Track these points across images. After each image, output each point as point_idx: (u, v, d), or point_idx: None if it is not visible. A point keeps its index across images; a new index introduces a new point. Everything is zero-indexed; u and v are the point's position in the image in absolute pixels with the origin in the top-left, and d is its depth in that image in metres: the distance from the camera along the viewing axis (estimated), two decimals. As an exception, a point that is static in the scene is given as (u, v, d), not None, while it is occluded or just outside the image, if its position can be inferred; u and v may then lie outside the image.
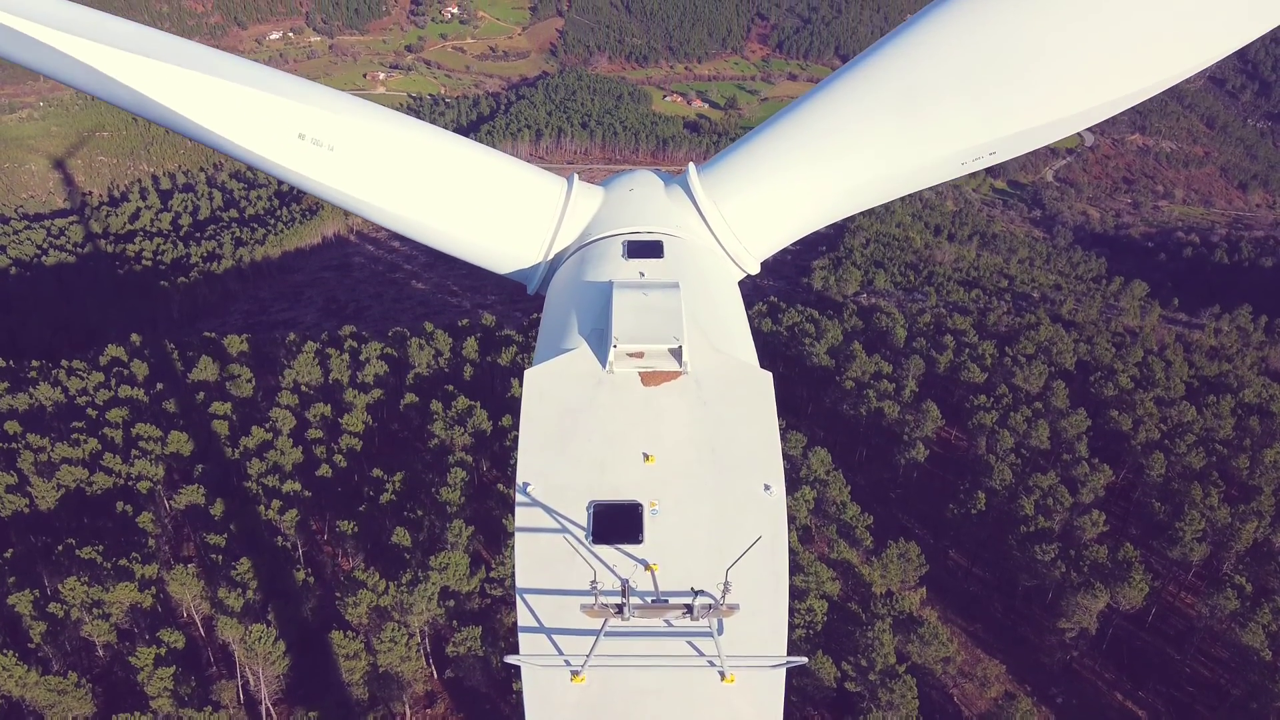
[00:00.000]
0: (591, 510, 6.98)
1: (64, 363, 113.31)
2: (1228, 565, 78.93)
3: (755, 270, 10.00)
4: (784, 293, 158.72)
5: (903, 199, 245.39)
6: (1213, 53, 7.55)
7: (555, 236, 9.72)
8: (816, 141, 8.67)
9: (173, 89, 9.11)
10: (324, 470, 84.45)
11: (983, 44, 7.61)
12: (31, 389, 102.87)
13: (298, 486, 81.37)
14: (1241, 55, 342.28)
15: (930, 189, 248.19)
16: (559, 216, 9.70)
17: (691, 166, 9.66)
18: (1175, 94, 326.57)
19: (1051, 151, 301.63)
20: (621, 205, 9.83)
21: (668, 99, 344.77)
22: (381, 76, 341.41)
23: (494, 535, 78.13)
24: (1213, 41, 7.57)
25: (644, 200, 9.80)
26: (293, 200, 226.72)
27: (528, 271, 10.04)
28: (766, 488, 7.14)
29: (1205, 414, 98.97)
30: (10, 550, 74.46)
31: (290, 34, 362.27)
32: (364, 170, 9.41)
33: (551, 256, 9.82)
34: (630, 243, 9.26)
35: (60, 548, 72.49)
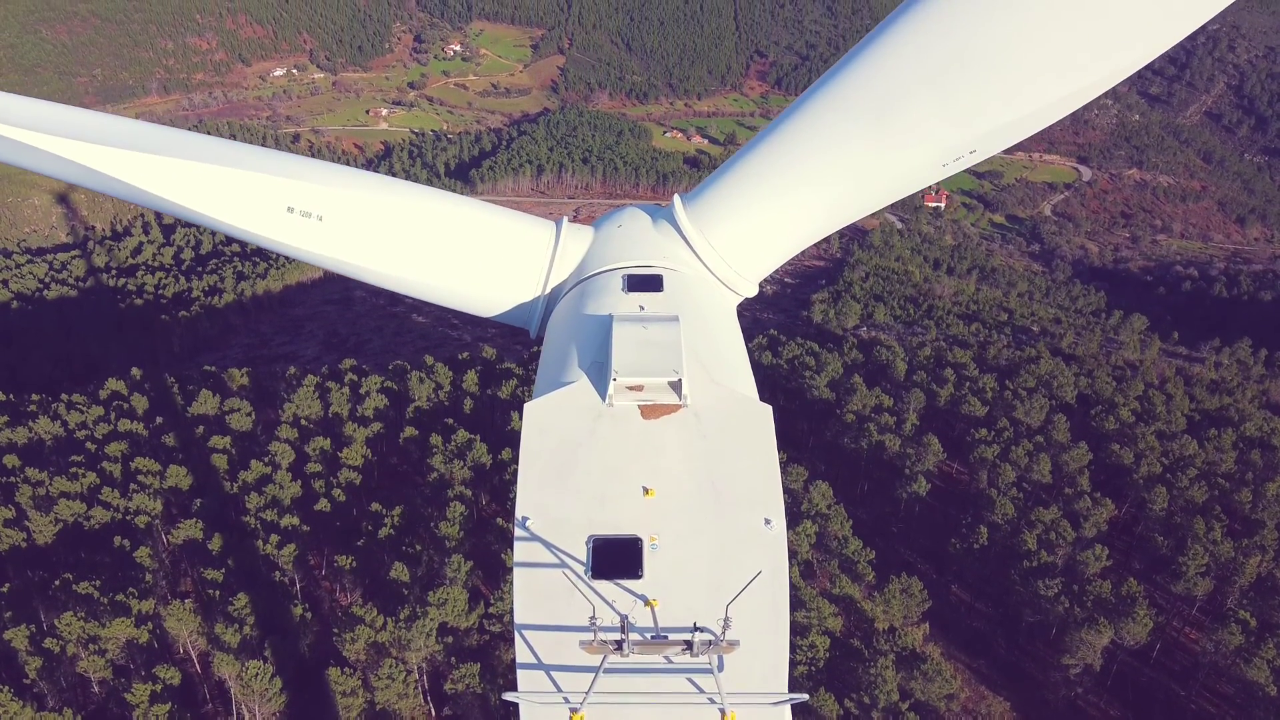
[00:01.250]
0: (591, 545, 6.93)
1: (64, 396, 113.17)
2: (1232, 600, 78.37)
3: (753, 292, 10.02)
4: (784, 326, 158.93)
5: (901, 234, 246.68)
6: (1185, 27, 7.45)
7: (547, 280, 9.87)
8: (795, 163, 8.69)
9: (162, 179, 9.47)
10: (323, 504, 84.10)
11: (947, 44, 7.55)
12: (31, 423, 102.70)
13: (296, 521, 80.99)
14: (1238, 91, 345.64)
15: (929, 224, 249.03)
16: (550, 260, 9.85)
17: (677, 199, 9.70)
18: (1172, 129, 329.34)
19: (1049, 186, 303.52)
20: (611, 243, 9.89)
21: (668, 135, 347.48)
22: (384, 112, 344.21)
23: (493, 570, 77.62)
24: (1185, 14, 7.41)
25: (633, 236, 9.84)
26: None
27: (525, 316, 10.15)
28: (767, 522, 7.09)
29: (1207, 447, 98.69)
30: (7, 585, 73.95)
31: (294, 70, 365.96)
32: (353, 236, 9.67)
33: (546, 300, 9.94)
34: (630, 276, 9.29)
35: (57, 582, 71.98)
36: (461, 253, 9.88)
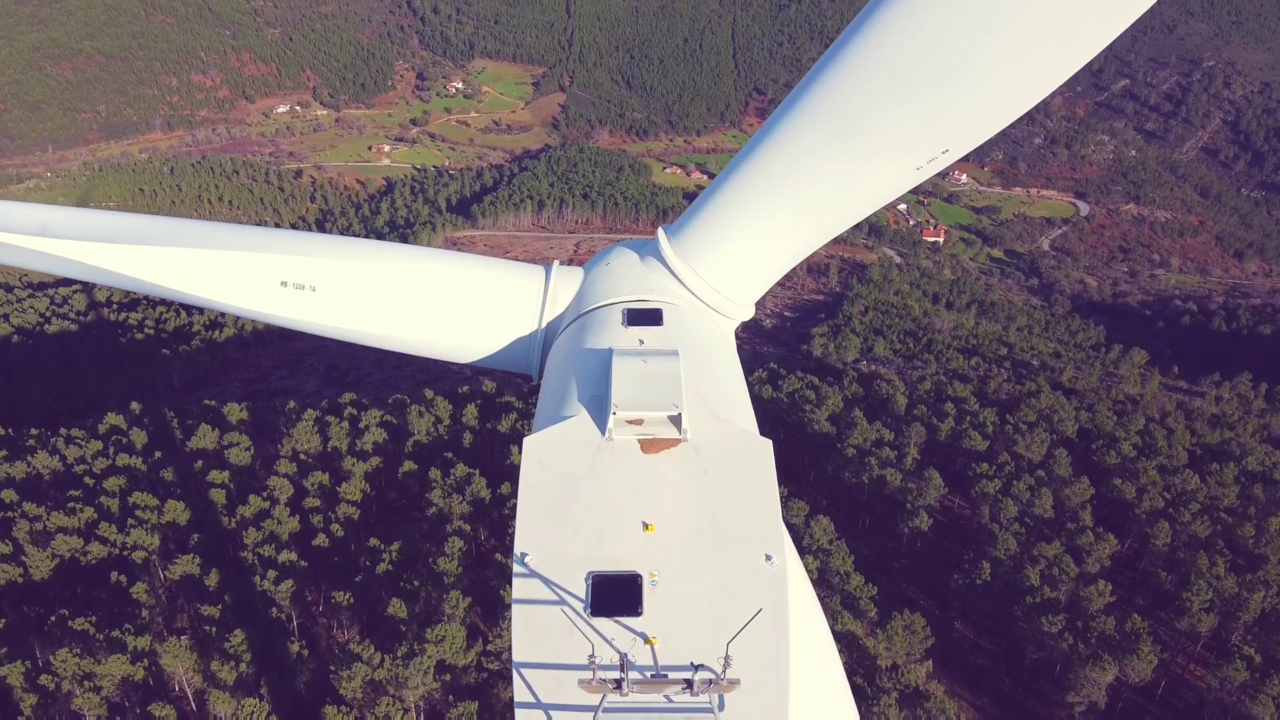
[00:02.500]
0: (590, 581, 6.87)
1: (63, 431, 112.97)
2: (1236, 636, 77.73)
3: (750, 314, 10.06)
4: (784, 359, 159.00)
5: (900, 268, 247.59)
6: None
7: (541, 322, 10.05)
8: (772, 188, 8.67)
9: (157, 268, 9.84)
10: (320, 540, 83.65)
11: (908, 46, 7.44)
12: (30, 457, 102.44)
13: (294, 557, 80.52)
14: (1234, 126, 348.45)
15: (928, 259, 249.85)
16: (541, 303, 10.01)
17: (662, 234, 9.72)
18: (1169, 165, 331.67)
19: (1047, 221, 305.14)
20: (601, 282, 9.96)
21: (668, 170, 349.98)
22: (387, 149, 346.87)
23: (491, 607, 77.04)
24: None
25: (623, 274, 9.90)
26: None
27: (523, 361, 10.27)
28: (768, 558, 7.03)
29: (1209, 482, 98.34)
30: (3, 621, 73.42)
31: (297, 107, 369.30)
32: (347, 302, 9.95)
33: (542, 342, 10.06)
34: (629, 311, 9.30)
35: (53, 618, 71.45)
36: (455, 307, 10.08)
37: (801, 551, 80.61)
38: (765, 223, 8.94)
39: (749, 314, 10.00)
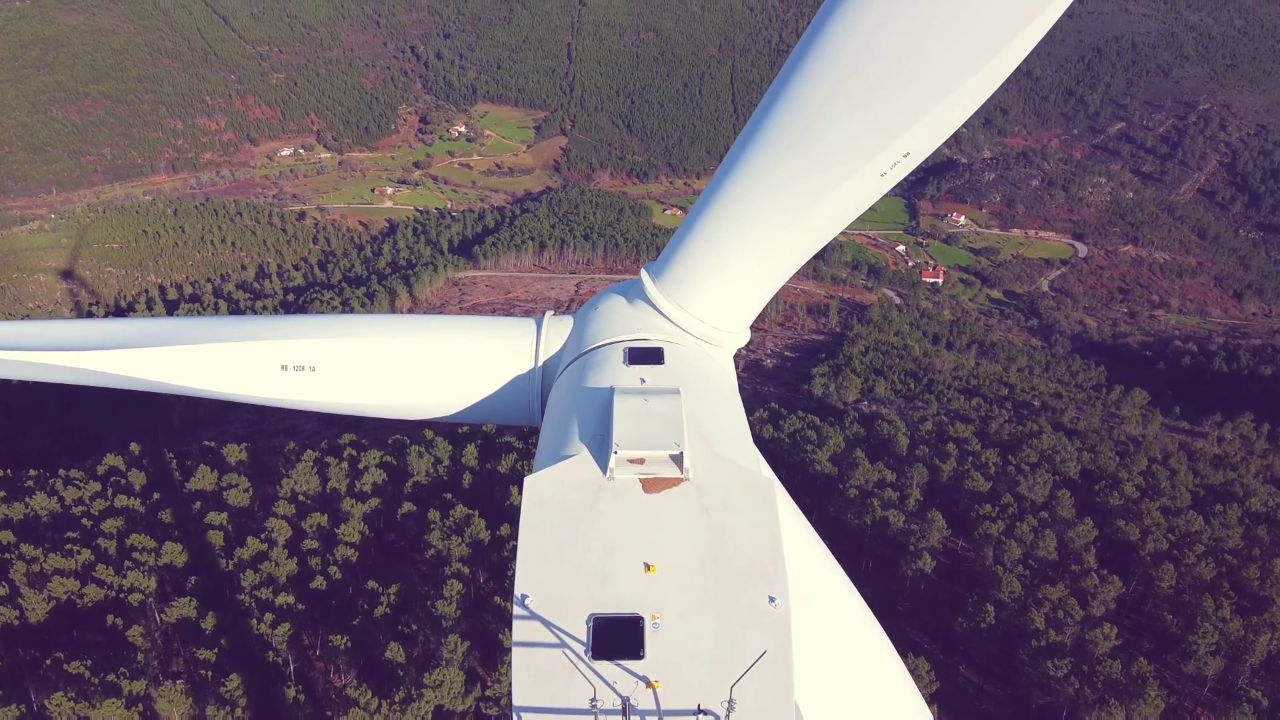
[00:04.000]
0: (591, 624, 6.78)
1: (62, 472, 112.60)
2: (1243, 679, 76.83)
3: (746, 339, 10.18)
4: (785, 399, 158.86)
5: (900, 309, 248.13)
6: None
7: (536, 372, 10.27)
8: (743, 214, 8.70)
9: (160, 368, 10.19)
10: (318, 582, 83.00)
11: (846, 57, 7.50)
12: (28, 498, 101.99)
13: (291, 599, 79.82)
14: (1230, 168, 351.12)
15: (928, 299, 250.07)
16: (535, 353, 10.20)
17: (645, 277, 9.78)
18: (1166, 207, 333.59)
19: (1046, 262, 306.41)
20: (590, 329, 10.03)
21: (668, 212, 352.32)
22: (389, 191, 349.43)
23: (491, 651, 76.24)
24: None
25: (615, 318, 9.94)
26: (298, 311, 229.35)
27: (522, 413, 10.42)
28: (771, 600, 6.95)
29: (1213, 524, 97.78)
30: (-4, 665, 72.66)
31: (301, 150, 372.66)
32: (346, 378, 10.22)
33: (540, 392, 10.21)
34: (631, 349, 9.30)
35: (48, 661, 70.71)
36: (451, 369, 10.28)
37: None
38: (743, 250, 8.99)
39: (744, 339, 10.06)
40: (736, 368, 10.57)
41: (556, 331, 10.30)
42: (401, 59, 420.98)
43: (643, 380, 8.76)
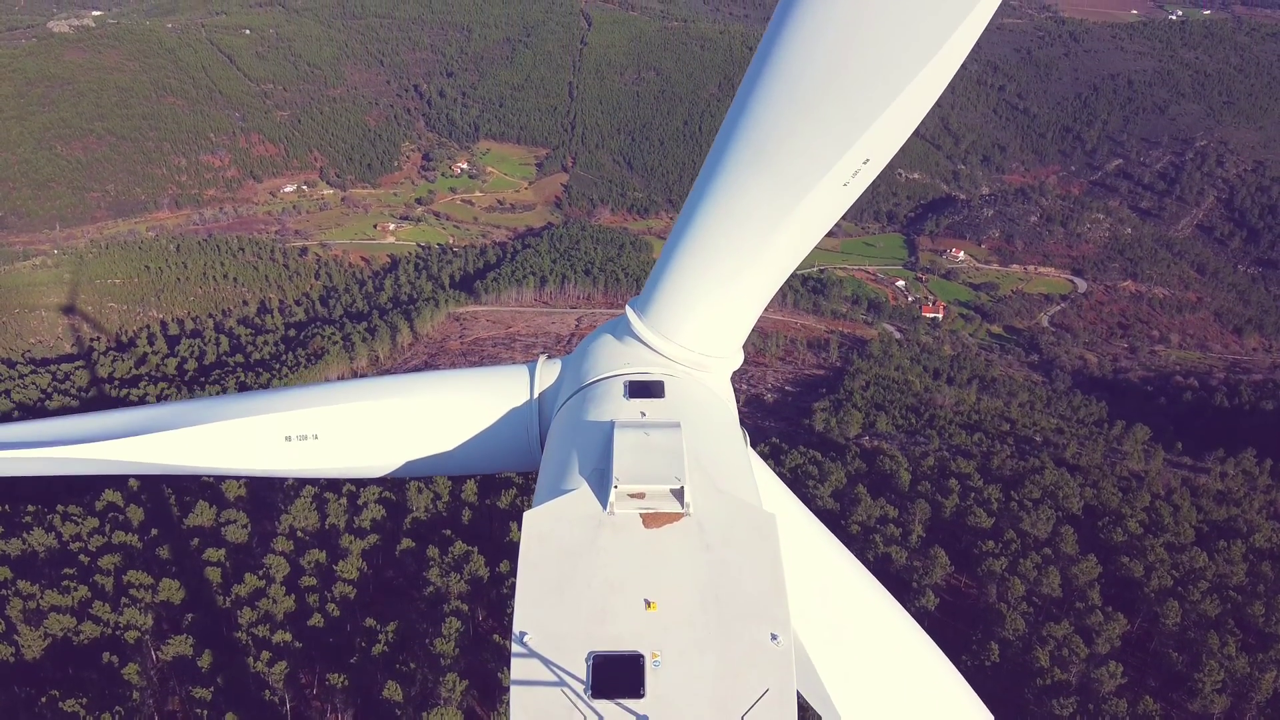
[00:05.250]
0: (591, 662, 6.68)
1: (59, 507, 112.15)
2: (1249, 717, 76.01)
3: (740, 360, 10.17)
4: (786, 434, 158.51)
5: (900, 344, 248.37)
6: None
7: (532, 417, 10.32)
8: (716, 240, 8.67)
9: (166, 452, 10.31)
10: (316, 620, 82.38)
11: (789, 68, 7.47)
12: (25, 534, 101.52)
13: (288, 637, 79.18)
14: (1228, 204, 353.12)
15: (928, 334, 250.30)
16: (531, 396, 10.30)
17: (630, 313, 9.78)
18: (1164, 242, 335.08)
19: (1045, 298, 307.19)
20: (582, 366, 10.09)
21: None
22: (391, 227, 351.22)
23: (489, 689, 75.50)
24: None
25: (604, 357, 9.97)
26: (298, 345, 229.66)
27: (523, 458, 10.46)
28: (774, 637, 6.86)
29: (1217, 560, 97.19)
30: (-11, 703, 71.94)
31: (304, 186, 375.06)
32: (350, 443, 10.37)
33: (538, 434, 10.27)
34: (631, 383, 9.28)
35: (44, 699, 70.03)
36: (450, 424, 10.37)
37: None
38: (719, 276, 8.96)
39: (737, 362, 10.09)
40: (737, 402, 10.54)
41: (550, 373, 10.37)
42: (405, 97, 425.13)
43: (643, 414, 8.73)
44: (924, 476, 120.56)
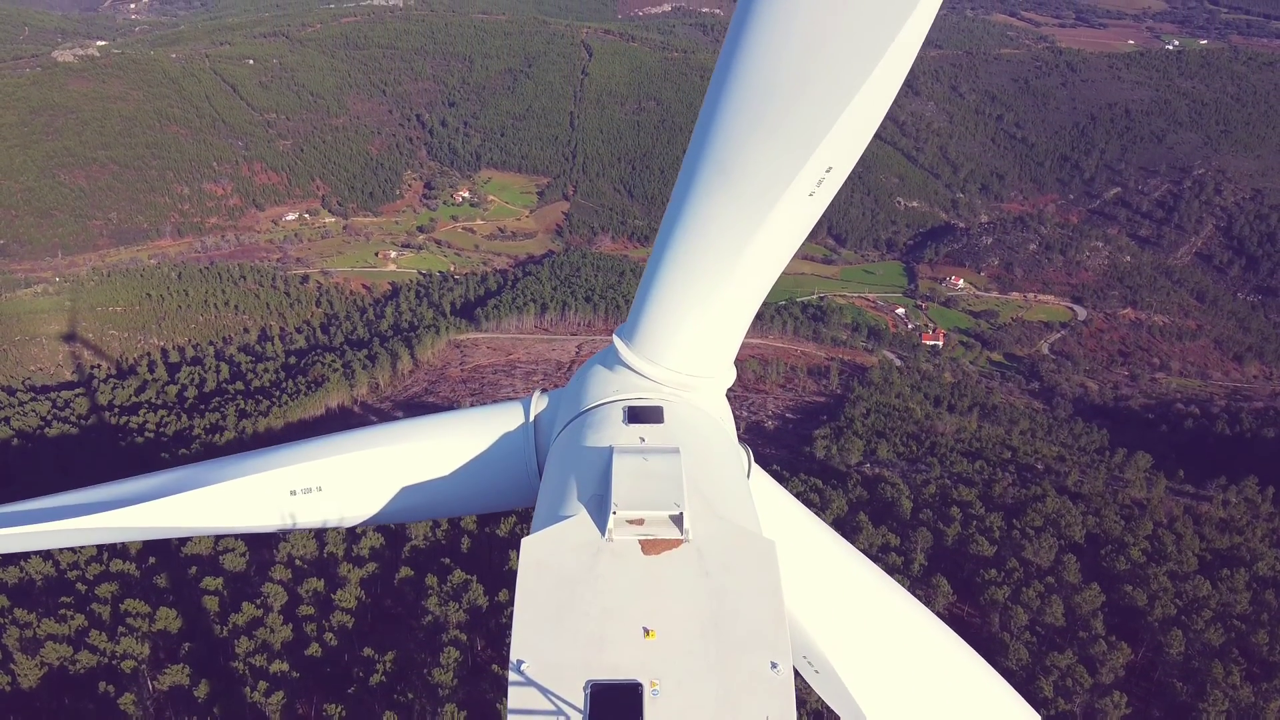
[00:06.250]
0: (589, 691, 6.62)
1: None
2: (1258, 750, 75.30)
3: (732, 377, 10.21)
4: (787, 461, 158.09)
5: (900, 371, 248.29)
6: None
7: (528, 450, 10.39)
8: (692, 261, 8.73)
9: (173, 516, 10.43)
10: (314, 649, 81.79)
11: (739, 84, 7.53)
12: (22, 561, 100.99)
13: (286, 667, 78.57)
14: (1227, 232, 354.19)
15: (928, 362, 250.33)
16: (526, 433, 10.38)
17: (618, 342, 9.84)
18: (1163, 270, 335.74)
19: (1045, 325, 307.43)
20: (578, 397, 10.13)
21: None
22: (393, 255, 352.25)
23: None
24: None
25: (597, 385, 10.02)
26: (299, 373, 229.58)
27: (524, 494, 10.51)
28: (773, 665, 6.79)
29: (1220, 588, 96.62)
30: (-17, 734, 71.31)
31: (306, 215, 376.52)
32: (353, 492, 10.50)
33: (537, 468, 10.30)
34: (630, 408, 9.26)
35: (36, 731, 69.38)
36: (449, 466, 10.45)
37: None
38: (697, 296, 9.00)
39: (729, 380, 10.07)
40: (738, 428, 10.54)
41: (545, 406, 10.40)
42: (407, 126, 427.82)
43: (642, 439, 8.70)
44: (925, 504, 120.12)
